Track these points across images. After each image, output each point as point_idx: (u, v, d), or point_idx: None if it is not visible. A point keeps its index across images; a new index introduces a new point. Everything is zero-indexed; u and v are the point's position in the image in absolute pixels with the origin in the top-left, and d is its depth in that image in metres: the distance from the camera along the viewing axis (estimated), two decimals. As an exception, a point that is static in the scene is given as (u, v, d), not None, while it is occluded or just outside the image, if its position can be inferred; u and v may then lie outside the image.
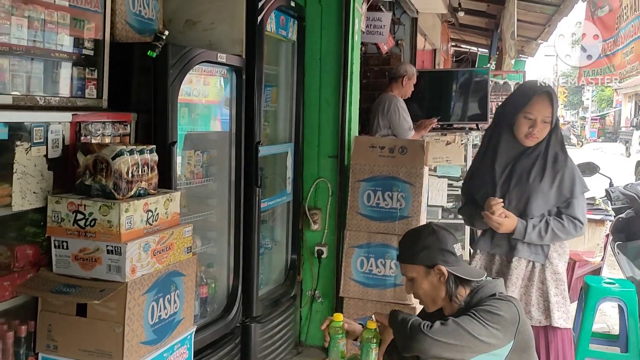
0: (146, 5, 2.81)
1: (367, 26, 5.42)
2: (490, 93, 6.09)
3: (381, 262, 3.77)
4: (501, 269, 2.68)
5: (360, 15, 4.22)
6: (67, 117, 2.22)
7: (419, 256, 2.01)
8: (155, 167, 2.30)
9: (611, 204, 4.90)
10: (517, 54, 9.80)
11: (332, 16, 3.93)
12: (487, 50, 11.54)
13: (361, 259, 3.81)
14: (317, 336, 4.07)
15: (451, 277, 1.99)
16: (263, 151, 3.35)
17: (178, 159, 2.72)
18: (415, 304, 3.69)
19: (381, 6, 5.92)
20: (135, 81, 2.62)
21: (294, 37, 3.81)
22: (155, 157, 2.30)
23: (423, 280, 2.01)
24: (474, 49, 12.64)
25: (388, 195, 3.80)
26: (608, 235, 4.48)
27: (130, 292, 2.06)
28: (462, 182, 2.96)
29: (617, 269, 5.27)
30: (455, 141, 5.45)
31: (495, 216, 2.55)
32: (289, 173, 3.83)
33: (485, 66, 11.16)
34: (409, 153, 3.81)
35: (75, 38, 2.33)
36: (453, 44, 12.07)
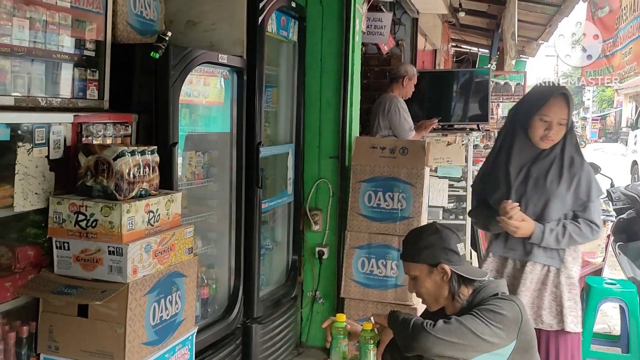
0: (147, 6, 2.81)
1: (368, 27, 5.43)
2: (491, 93, 6.09)
3: (382, 263, 3.77)
4: (513, 273, 2.63)
5: (360, 15, 4.23)
6: (69, 118, 2.22)
7: (422, 255, 2.01)
8: (156, 168, 2.30)
9: (612, 205, 4.91)
10: (518, 55, 9.80)
11: (333, 17, 3.94)
12: (488, 50, 11.54)
13: (362, 260, 3.81)
14: (318, 337, 4.08)
15: (454, 276, 1.99)
16: (264, 152, 3.35)
17: (179, 160, 2.72)
18: (416, 305, 3.69)
19: (382, 6, 5.92)
20: (136, 82, 2.62)
21: (295, 38, 3.81)
22: (156, 158, 2.30)
23: (426, 279, 2.01)
24: (475, 50, 12.64)
25: (389, 196, 3.80)
26: (609, 235, 4.48)
27: (131, 293, 2.06)
28: (473, 184, 2.89)
29: (618, 270, 5.27)
30: (456, 142, 5.45)
31: (513, 220, 2.49)
32: (290, 174, 3.83)
33: (485, 66, 11.16)
34: (410, 154, 3.81)
35: (76, 39, 2.33)
36: (454, 45, 12.07)
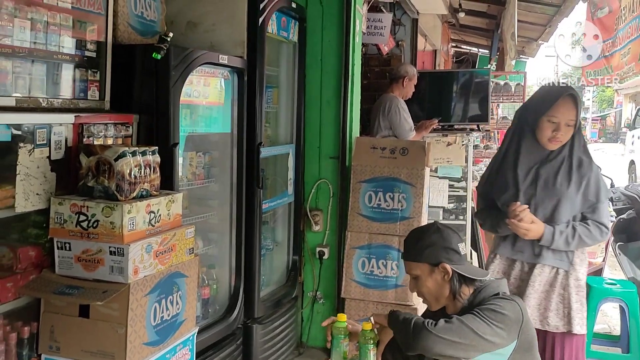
0: (148, 7, 2.82)
1: (368, 27, 5.43)
2: (491, 94, 6.09)
3: (382, 263, 3.78)
4: (521, 275, 2.61)
5: (361, 16, 4.23)
6: (70, 119, 2.22)
7: (424, 254, 2.01)
8: (157, 169, 2.30)
9: (612, 205, 4.91)
10: (518, 55, 9.80)
11: (333, 17, 3.94)
12: (488, 51, 11.55)
13: (362, 260, 3.81)
14: (319, 337, 4.08)
15: (455, 276, 1.99)
16: (264, 152, 3.35)
17: (180, 160, 2.73)
18: (416, 305, 3.70)
19: (382, 7, 5.93)
20: (137, 83, 2.62)
21: (295, 38, 3.81)
22: (157, 159, 2.31)
23: (427, 278, 2.01)
24: (475, 50, 12.65)
25: (389, 196, 3.80)
26: (609, 236, 4.48)
27: (132, 293, 2.06)
28: (478, 186, 2.85)
29: (619, 270, 5.27)
30: (456, 142, 5.45)
31: (523, 223, 2.46)
32: (290, 174, 3.84)
33: (485, 67, 11.16)
34: (410, 154, 3.81)
35: (77, 40, 2.33)
36: (453, 45, 12.08)
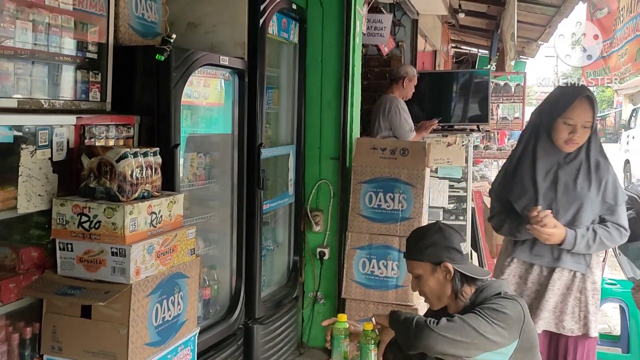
0: (149, 8, 2.83)
1: (368, 28, 5.43)
2: (490, 94, 6.10)
3: (383, 264, 3.78)
4: (539, 279, 2.58)
5: (361, 17, 4.24)
6: (72, 120, 2.23)
7: (426, 253, 2.02)
8: (158, 170, 2.31)
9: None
10: (517, 55, 9.81)
11: (333, 18, 3.95)
12: (488, 51, 11.55)
13: (363, 261, 3.82)
14: (319, 337, 4.08)
15: (457, 275, 2.00)
16: (265, 153, 3.36)
17: (180, 161, 2.73)
18: (417, 306, 3.70)
19: (382, 8, 5.93)
20: (138, 84, 2.63)
21: (296, 39, 3.82)
22: (158, 160, 2.32)
23: (429, 277, 2.02)
24: (474, 50, 12.66)
25: (389, 196, 3.81)
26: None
27: (134, 294, 2.07)
28: (492, 190, 2.78)
29: (619, 270, 5.26)
30: (456, 142, 5.46)
31: (546, 228, 2.42)
32: (291, 175, 3.84)
33: (485, 67, 11.17)
34: (410, 154, 3.82)
35: (79, 41, 2.34)
36: (453, 45, 12.09)
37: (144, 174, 2.21)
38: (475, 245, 5.81)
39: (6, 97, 2.04)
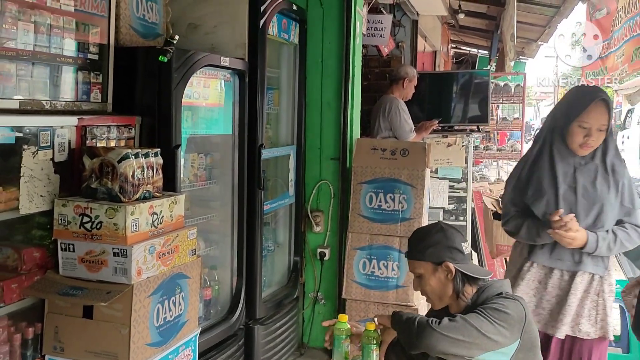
0: (150, 9, 2.83)
1: (368, 29, 5.44)
2: (490, 95, 6.11)
3: (383, 264, 3.79)
4: (560, 284, 2.55)
5: (361, 17, 4.25)
6: (73, 121, 2.24)
7: (427, 253, 2.03)
8: (160, 170, 2.32)
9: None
10: (517, 56, 9.82)
11: (334, 19, 3.96)
12: (487, 52, 11.57)
13: (363, 261, 3.83)
14: (320, 338, 4.09)
15: (458, 275, 2.00)
16: (266, 154, 3.37)
17: (181, 162, 2.74)
18: (417, 306, 3.71)
19: (382, 9, 5.94)
20: (139, 85, 2.63)
21: (296, 40, 3.83)
22: (160, 160, 2.32)
23: (431, 277, 2.02)
24: (474, 51, 12.67)
25: (390, 197, 3.81)
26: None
27: (136, 294, 2.08)
28: (504, 194, 2.73)
29: (618, 270, 5.28)
30: (456, 143, 5.47)
31: (570, 232, 2.39)
32: (291, 175, 3.85)
33: (485, 68, 11.18)
34: (411, 155, 3.83)
35: (80, 42, 2.35)
36: (453, 46, 12.10)
37: (146, 175, 2.22)
38: (475, 245, 5.81)
39: (8, 98, 2.05)
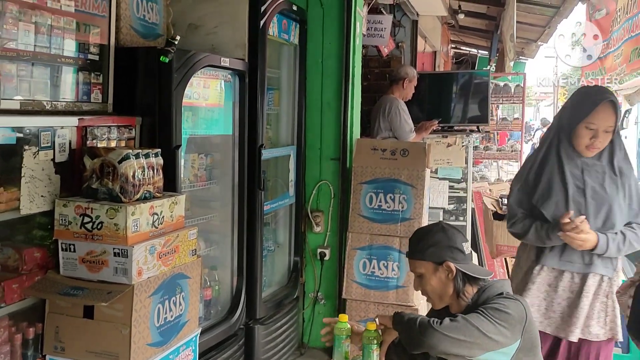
0: (150, 9, 2.84)
1: (368, 29, 5.45)
2: (490, 95, 6.11)
3: (383, 264, 3.79)
4: (571, 286, 2.53)
5: (361, 18, 4.25)
6: (74, 122, 2.24)
7: (428, 252, 2.03)
8: (160, 171, 2.32)
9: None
10: (516, 56, 9.82)
11: (334, 19, 3.96)
12: (487, 52, 11.57)
13: (363, 261, 3.83)
14: (320, 338, 4.08)
15: (459, 274, 2.01)
16: (266, 154, 3.37)
17: (181, 162, 2.74)
18: (417, 306, 3.71)
19: (382, 9, 5.95)
20: (139, 85, 2.63)
21: (296, 41, 3.83)
22: (160, 161, 2.33)
23: (431, 276, 2.03)
24: (474, 51, 12.68)
25: (390, 197, 3.82)
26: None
27: (136, 295, 2.08)
28: (510, 196, 2.68)
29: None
30: (456, 143, 5.47)
31: (582, 234, 2.37)
32: (292, 176, 3.85)
33: (485, 68, 11.19)
34: (411, 155, 3.83)
35: (80, 43, 2.35)
36: (453, 46, 12.10)
37: (146, 175, 2.22)
38: (475, 245, 5.82)
39: (9, 99, 2.05)
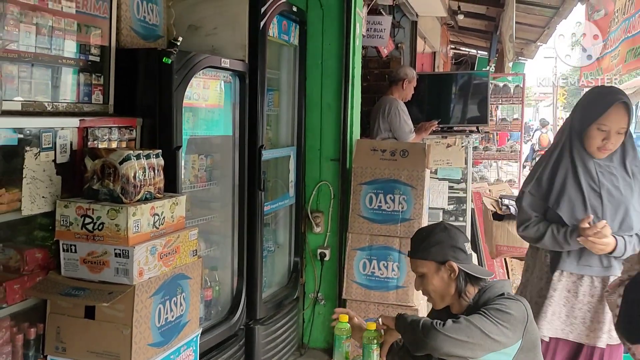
0: (150, 11, 2.85)
1: (368, 30, 5.46)
2: (490, 96, 6.12)
3: (383, 265, 3.80)
4: (591, 291, 2.48)
5: (360, 19, 4.26)
6: (75, 123, 2.25)
7: (431, 252, 2.03)
8: (161, 171, 2.33)
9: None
10: (516, 57, 9.83)
11: (333, 20, 3.97)
12: (487, 52, 11.58)
13: (363, 262, 3.84)
14: (320, 338, 4.10)
15: (461, 274, 2.01)
16: (266, 155, 3.38)
17: (182, 163, 2.75)
18: (417, 307, 3.72)
19: (381, 10, 5.96)
20: (140, 86, 2.64)
21: (296, 42, 3.84)
22: (161, 162, 2.34)
23: (433, 276, 2.03)
24: (474, 52, 12.69)
25: (390, 197, 3.82)
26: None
27: (137, 295, 2.09)
28: (521, 199, 2.60)
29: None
30: (455, 144, 5.48)
31: (604, 239, 2.32)
32: (292, 176, 3.86)
33: (484, 69, 11.20)
34: (410, 156, 3.84)
35: (81, 44, 2.36)
36: (452, 47, 12.11)
37: (147, 176, 2.23)
38: (474, 246, 5.82)
39: (10, 100, 2.06)
